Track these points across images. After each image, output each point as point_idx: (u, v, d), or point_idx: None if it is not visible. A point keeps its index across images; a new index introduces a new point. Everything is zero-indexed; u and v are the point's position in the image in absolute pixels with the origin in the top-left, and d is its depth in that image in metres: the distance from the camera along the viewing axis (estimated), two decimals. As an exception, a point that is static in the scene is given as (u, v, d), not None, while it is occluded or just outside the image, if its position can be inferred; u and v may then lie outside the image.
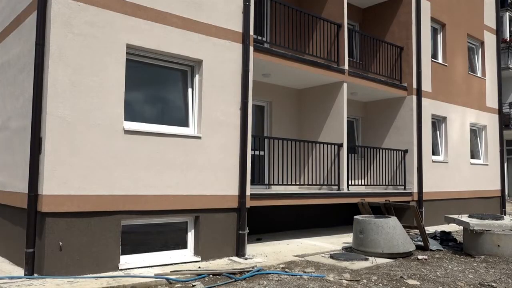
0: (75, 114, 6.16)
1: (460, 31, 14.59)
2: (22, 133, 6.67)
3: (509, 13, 21.53)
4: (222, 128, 7.80)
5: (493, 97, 15.94)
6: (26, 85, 6.60)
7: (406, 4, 12.60)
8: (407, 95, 12.43)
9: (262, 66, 9.43)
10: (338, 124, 10.73)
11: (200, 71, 7.67)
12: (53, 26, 6.03)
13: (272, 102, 11.19)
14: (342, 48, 10.72)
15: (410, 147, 12.25)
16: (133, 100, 7.05)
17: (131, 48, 6.87)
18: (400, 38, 12.64)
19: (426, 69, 12.88)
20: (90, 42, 6.36)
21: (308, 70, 9.96)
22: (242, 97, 8.09)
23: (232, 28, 8.07)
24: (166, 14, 7.17)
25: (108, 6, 6.55)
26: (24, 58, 6.83)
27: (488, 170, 15.39)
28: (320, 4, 11.31)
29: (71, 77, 6.16)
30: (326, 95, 11.07)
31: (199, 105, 7.64)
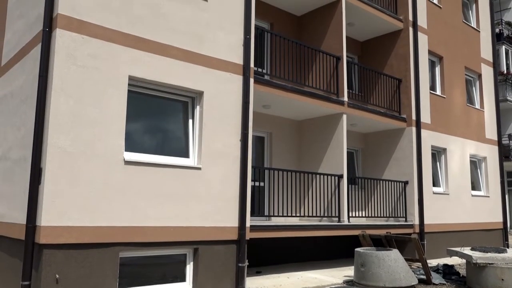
0: (75, 145, 6.17)
1: (458, 64, 14.81)
2: (22, 163, 6.67)
3: (505, 47, 21.90)
4: (222, 159, 7.80)
5: (492, 128, 16.03)
6: (28, 116, 6.64)
7: (403, 37, 12.83)
8: (406, 126, 12.49)
9: (262, 97, 9.51)
10: (338, 155, 10.74)
11: (201, 103, 7.74)
12: (56, 58, 6.13)
13: (272, 133, 11.23)
14: (342, 80, 10.84)
15: (410, 179, 12.21)
16: (134, 131, 7.09)
17: (133, 79, 6.96)
18: (398, 70, 12.81)
19: (425, 101, 12.99)
20: (92, 74, 6.44)
21: (308, 102, 10.05)
22: (242, 128, 8.13)
23: (233, 61, 8.19)
24: (167, 47, 7.29)
25: (111, 39, 6.67)
26: (26, 89, 6.91)
27: (489, 202, 15.30)
28: (319, 37, 11.52)
29: (73, 108, 6.21)
30: (326, 127, 11.13)
31: (199, 136, 7.67)
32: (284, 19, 11.79)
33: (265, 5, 11.30)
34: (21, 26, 7.58)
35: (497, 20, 22.95)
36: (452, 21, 14.84)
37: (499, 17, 23.74)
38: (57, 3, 6.24)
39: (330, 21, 11.28)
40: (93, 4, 6.55)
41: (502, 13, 24.42)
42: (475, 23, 16.31)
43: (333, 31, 11.21)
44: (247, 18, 8.48)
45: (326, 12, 11.41)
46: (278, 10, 11.68)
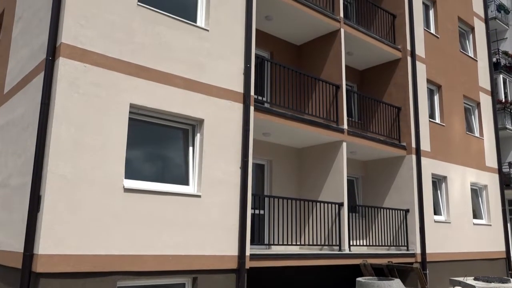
0: (75, 172, 6.17)
1: (456, 92, 14.94)
2: (21, 190, 6.65)
3: (503, 76, 22.14)
4: (222, 187, 7.78)
5: (492, 156, 16.04)
6: (29, 143, 6.66)
7: (402, 66, 12.99)
8: (406, 154, 12.50)
9: (262, 125, 9.56)
10: (339, 183, 10.71)
11: (201, 130, 7.77)
12: (59, 86, 6.20)
13: (272, 161, 11.23)
14: (341, 108, 10.92)
15: (411, 207, 12.14)
16: (134, 158, 7.10)
17: (134, 107, 7.01)
18: (397, 99, 12.91)
19: (424, 128, 13.05)
20: (94, 102, 6.50)
21: (308, 130, 10.09)
22: (242, 155, 8.14)
23: (234, 89, 8.27)
24: (169, 75, 7.38)
25: (113, 67, 6.76)
26: (28, 117, 6.95)
27: (491, 231, 15.16)
28: (319, 66, 11.67)
29: (74, 135, 6.24)
30: (326, 154, 11.13)
31: (199, 164, 7.67)
32: (284, 48, 11.97)
33: (265, 34, 11.49)
34: (25, 55, 7.69)
35: (494, 49, 23.28)
36: (450, 51, 15.06)
37: (496, 47, 24.09)
38: (61, 33, 6.36)
39: (330, 51, 11.45)
40: (97, 34, 6.67)
41: (499, 43, 24.80)
42: (472, 52, 16.55)
43: (332, 60, 11.36)
44: (247, 47, 8.62)
45: (325, 41, 11.59)
46: (278, 39, 11.87)
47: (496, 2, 24.65)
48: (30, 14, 7.84)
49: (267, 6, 10.15)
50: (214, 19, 8.24)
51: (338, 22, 11.26)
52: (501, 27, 24.69)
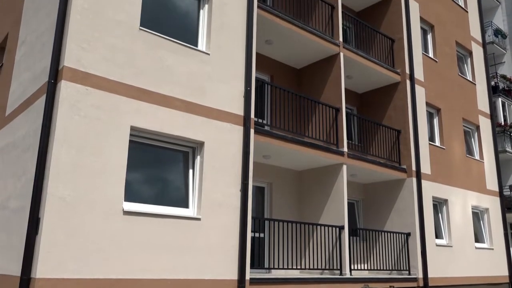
0: (75, 195, 6.15)
1: (455, 116, 15.00)
2: (20, 213, 6.61)
3: (502, 99, 22.28)
4: (222, 210, 7.74)
5: (492, 179, 15.99)
6: (29, 165, 6.66)
7: (401, 89, 13.08)
8: (406, 177, 12.47)
9: (262, 148, 9.57)
10: (339, 206, 10.65)
11: (202, 153, 7.78)
12: (60, 108, 6.23)
13: (272, 184, 11.20)
14: (341, 131, 10.95)
15: (412, 230, 12.04)
16: (134, 181, 7.08)
17: (135, 130, 7.03)
18: (397, 122, 12.95)
19: (425, 151, 13.05)
20: (95, 124, 6.52)
21: (308, 152, 10.09)
22: (242, 178, 8.13)
23: (234, 112, 8.32)
24: (170, 98, 7.43)
25: (114, 90, 6.81)
26: (29, 139, 6.97)
27: (493, 255, 14.99)
28: (318, 89, 11.75)
29: (74, 158, 6.24)
30: (326, 177, 11.11)
31: (199, 186, 7.65)
32: (284, 72, 12.08)
33: (265, 58, 11.61)
34: (27, 78, 7.76)
35: (492, 73, 23.50)
36: (448, 74, 15.19)
37: (494, 71, 24.32)
38: (63, 56, 6.44)
39: (329, 74, 11.55)
40: (99, 57, 6.75)
41: (497, 66, 25.05)
42: (470, 76, 16.69)
43: (332, 84, 11.45)
44: (247, 70, 8.71)
45: (325, 65, 11.70)
46: (278, 63, 11.99)
47: (493, 27, 25.00)
48: (33, 38, 7.95)
49: (268, 30, 10.29)
50: (215, 43, 8.34)
51: (337, 46, 11.40)
52: (498, 51, 24.98)
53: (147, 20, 7.61)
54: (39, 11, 7.93)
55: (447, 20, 15.87)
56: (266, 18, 9.79)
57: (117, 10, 7.09)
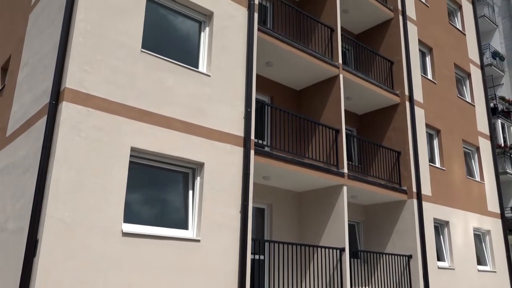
0: (74, 216, 6.12)
1: (455, 137, 15.03)
2: (19, 235, 6.56)
3: (501, 120, 22.34)
4: (222, 231, 7.68)
5: (494, 201, 15.92)
6: (29, 186, 6.64)
7: (400, 111, 13.14)
8: (407, 198, 12.42)
9: (262, 169, 9.56)
10: (340, 228, 10.57)
11: (202, 174, 7.77)
12: (61, 129, 6.25)
13: (272, 205, 11.14)
14: (341, 152, 10.95)
15: (414, 252, 11.93)
16: (133, 202, 7.05)
17: (135, 151, 7.04)
18: (397, 143, 12.97)
19: (425, 173, 13.03)
20: (95, 145, 6.53)
21: (308, 174, 10.08)
22: (242, 199, 8.09)
23: (234, 133, 8.34)
24: (170, 119, 7.46)
25: (115, 112, 6.84)
26: (29, 160, 6.97)
27: (496, 277, 14.81)
28: (318, 110, 11.80)
29: (74, 178, 6.23)
30: (327, 198, 11.06)
31: (199, 208, 7.61)
32: (284, 93, 12.15)
33: (266, 79, 11.70)
34: (29, 99, 7.81)
35: (491, 95, 23.64)
36: (447, 96, 15.28)
37: (493, 92, 24.47)
38: (65, 78, 6.49)
39: (329, 95, 11.62)
40: (101, 79, 6.81)
41: (496, 88, 25.22)
42: (469, 98, 16.79)
43: (331, 105, 11.50)
44: (248, 92, 8.76)
45: (325, 86, 11.78)
46: (278, 84, 12.07)
47: (491, 49, 25.26)
48: (36, 60, 8.03)
49: (268, 52, 10.40)
50: (215, 65, 8.42)
51: (337, 68, 11.50)
52: (497, 73, 25.19)
53: (148, 42, 7.71)
54: (42, 33, 8.03)
55: (445, 42, 16.06)
56: (266, 41, 9.91)
57: (119, 33, 7.19)
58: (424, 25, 15.17)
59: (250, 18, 9.23)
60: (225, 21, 8.81)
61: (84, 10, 6.86)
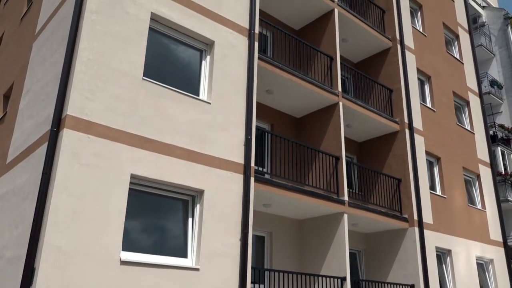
0: (72, 244, 6.05)
1: (455, 164, 15.02)
2: (15, 263, 6.48)
3: (501, 148, 22.37)
4: (221, 259, 7.59)
5: (496, 229, 15.77)
6: (27, 213, 6.60)
7: (400, 139, 13.17)
8: (408, 226, 12.31)
9: (262, 196, 9.52)
10: (340, 256, 10.44)
11: (201, 201, 7.73)
12: (61, 156, 6.26)
13: (272, 233, 11.04)
14: (341, 180, 10.92)
15: (416, 282, 11.73)
16: (132, 229, 6.99)
17: (135, 178, 7.03)
18: (397, 170, 12.95)
19: (426, 200, 12.96)
20: (95, 172, 6.53)
21: (308, 201, 10.03)
22: (242, 227, 8.03)
23: (234, 160, 8.34)
24: (171, 146, 7.48)
25: (116, 139, 6.87)
26: (29, 187, 6.95)
27: (501, 308, 14.54)
28: (318, 137, 11.84)
29: (73, 206, 6.20)
30: (327, 226, 10.97)
31: (198, 235, 7.54)
32: (284, 120, 12.22)
33: (266, 107, 11.78)
34: (30, 126, 7.85)
35: (490, 123, 23.75)
36: (447, 124, 15.35)
37: (492, 120, 24.59)
38: (67, 105, 6.54)
39: (329, 123, 11.67)
40: (102, 106, 6.86)
41: (494, 116, 25.35)
42: (469, 125, 16.86)
43: (331, 132, 11.55)
44: (248, 119, 8.81)
45: (325, 114, 11.86)
46: (278, 112, 12.15)
47: (488, 78, 25.52)
48: (38, 88, 8.11)
49: (268, 80, 10.51)
50: (216, 93, 8.50)
51: (336, 96, 11.60)
52: (495, 101, 25.38)
53: (150, 70, 7.80)
54: (45, 62, 8.14)
55: (443, 71, 16.25)
56: (267, 69, 10.03)
57: (121, 61, 7.29)
58: (422, 54, 15.38)
59: (251, 47, 9.37)
60: (226, 50, 8.95)
61: (87, 39, 6.97)
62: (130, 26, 7.56)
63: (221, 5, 9.12)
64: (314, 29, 12.87)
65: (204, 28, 8.67)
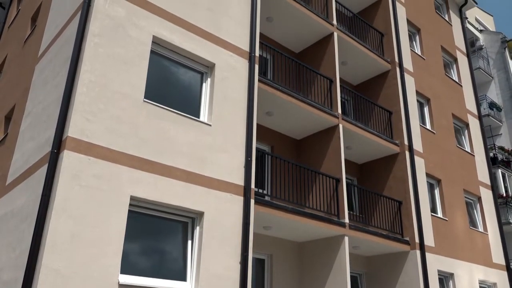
0: (70, 266, 5.99)
1: (456, 187, 14.97)
2: (12, 286, 6.40)
3: (502, 170, 22.33)
4: (221, 283, 7.49)
5: (498, 252, 15.61)
6: (26, 236, 6.55)
7: (400, 160, 13.16)
8: (410, 249, 12.19)
9: (263, 218, 9.46)
10: (341, 280, 10.31)
11: (201, 223, 7.68)
12: (61, 178, 6.25)
13: (273, 255, 10.93)
14: (342, 202, 10.87)
15: (418, 306, 11.56)
16: (131, 251, 6.92)
17: (134, 199, 7.00)
18: (398, 192, 12.89)
19: (427, 223, 12.87)
20: (95, 194, 6.51)
21: (309, 223, 9.96)
22: (242, 250, 7.95)
23: (234, 182, 8.32)
24: (171, 168, 7.47)
25: (116, 160, 6.87)
26: (28, 209, 6.92)
27: (505, 333, 14.27)
28: (318, 159, 11.84)
29: (72, 228, 6.16)
30: (328, 249, 10.86)
31: (198, 258, 7.46)
32: (284, 142, 12.24)
33: (266, 129, 11.82)
34: (30, 148, 7.86)
35: (490, 145, 23.76)
36: (447, 146, 15.37)
37: (492, 142, 24.61)
38: (68, 127, 6.57)
39: (329, 145, 11.69)
40: (103, 128, 6.88)
41: (494, 138, 25.39)
42: (469, 147, 16.87)
43: (332, 154, 11.55)
44: (248, 141, 8.83)
45: (325, 136, 11.88)
46: (278, 134, 12.19)
47: (487, 100, 25.66)
48: (39, 109, 8.16)
49: (268, 102, 10.57)
50: (216, 115, 8.54)
51: (336, 118, 11.65)
52: (495, 124, 25.46)
53: (151, 92, 7.86)
54: (47, 84, 8.21)
55: (442, 93, 16.35)
56: (267, 91, 10.10)
57: (123, 83, 7.34)
58: (421, 76, 15.51)
59: (251, 70, 9.46)
60: (226, 72, 9.03)
61: (89, 62, 7.05)
62: (132, 49, 7.65)
63: (221, 28, 9.25)
64: (314, 52, 13.02)
65: (205, 51, 8.77)
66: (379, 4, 15.32)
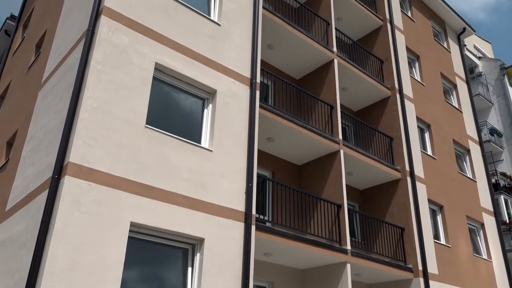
0: (68, 294, 5.90)
1: (459, 213, 14.85)
2: (9, 314, 6.30)
3: (504, 196, 22.19)
4: (221, 311, 7.36)
5: (503, 280, 15.35)
6: (24, 262, 6.48)
7: (402, 187, 13.10)
8: (413, 277, 12.00)
9: (264, 245, 9.36)
10: (344, 308, 10.12)
11: (201, 250, 7.60)
12: (61, 204, 6.22)
13: (274, 283, 10.76)
14: (343, 228, 10.77)
15: (423, 336, 11.31)
16: (131, 279, 6.83)
17: (134, 226, 6.95)
18: (400, 219, 12.78)
19: (430, 250, 12.71)
20: (95, 220, 6.46)
21: (310, 250, 9.84)
22: (243, 277, 7.84)
23: (235, 208, 8.27)
24: (171, 194, 7.44)
25: (117, 186, 6.85)
26: (27, 235, 6.86)
27: None
28: (320, 185, 11.79)
29: (71, 254, 6.09)
30: (330, 276, 10.70)
31: (198, 286, 7.35)
32: (285, 168, 12.22)
33: (267, 154, 11.82)
34: (31, 173, 7.85)
35: (492, 171, 23.69)
36: (448, 172, 15.32)
37: (493, 168, 24.55)
38: (69, 153, 6.58)
39: (330, 171, 11.66)
40: (104, 154, 6.89)
41: (496, 164, 25.33)
42: (470, 173, 16.82)
43: (333, 180, 11.51)
44: (249, 167, 8.82)
45: (326, 162, 11.87)
46: (279, 159, 12.18)
47: (488, 126, 25.73)
48: (41, 135, 8.19)
49: (269, 128, 10.61)
50: (217, 140, 8.56)
51: (337, 143, 11.66)
52: (496, 149, 25.45)
53: (153, 118, 7.90)
54: (50, 109, 8.27)
55: (442, 119, 16.41)
56: (268, 117, 10.15)
57: (124, 110, 7.39)
58: (421, 102, 15.60)
59: (252, 96, 9.53)
60: (227, 98, 9.10)
61: (92, 88, 7.12)
62: (134, 76, 7.73)
63: (223, 55, 9.36)
64: (314, 78, 13.14)
65: (206, 77, 8.86)
66: (378, 31, 15.55)
